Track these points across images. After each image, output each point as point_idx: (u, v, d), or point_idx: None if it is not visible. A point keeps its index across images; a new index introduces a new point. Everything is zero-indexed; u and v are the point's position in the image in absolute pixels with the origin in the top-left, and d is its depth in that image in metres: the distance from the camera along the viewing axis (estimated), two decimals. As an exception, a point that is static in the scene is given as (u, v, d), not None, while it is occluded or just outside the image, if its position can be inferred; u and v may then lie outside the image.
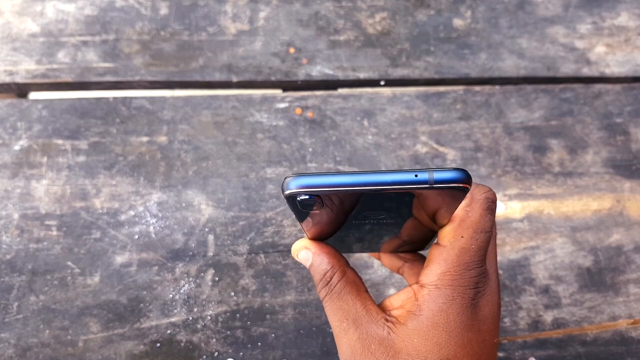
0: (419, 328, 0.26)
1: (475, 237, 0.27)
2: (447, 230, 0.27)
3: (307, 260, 0.29)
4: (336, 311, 0.28)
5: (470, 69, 0.60)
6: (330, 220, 0.26)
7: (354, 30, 0.62)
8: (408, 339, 0.26)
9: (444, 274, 0.27)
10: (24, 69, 0.57)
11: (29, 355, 0.45)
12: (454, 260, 0.27)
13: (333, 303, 0.28)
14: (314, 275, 0.29)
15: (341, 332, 0.27)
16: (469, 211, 0.27)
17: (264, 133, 0.56)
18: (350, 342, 0.27)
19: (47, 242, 0.49)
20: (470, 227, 0.27)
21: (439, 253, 0.27)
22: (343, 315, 0.27)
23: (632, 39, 0.63)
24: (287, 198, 0.23)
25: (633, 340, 0.48)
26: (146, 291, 0.48)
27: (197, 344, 0.46)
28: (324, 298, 0.28)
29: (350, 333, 0.27)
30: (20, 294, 0.47)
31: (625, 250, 0.52)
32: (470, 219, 0.27)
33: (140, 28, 0.60)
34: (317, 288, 0.29)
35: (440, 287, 0.27)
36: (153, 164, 0.53)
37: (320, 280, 0.28)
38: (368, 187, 0.21)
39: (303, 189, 0.22)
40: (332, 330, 0.28)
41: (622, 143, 0.57)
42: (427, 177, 0.20)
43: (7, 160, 0.53)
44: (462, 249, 0.27)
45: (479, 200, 0.27)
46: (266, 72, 0.59)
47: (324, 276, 0.28)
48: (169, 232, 0.50)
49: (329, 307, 0.28)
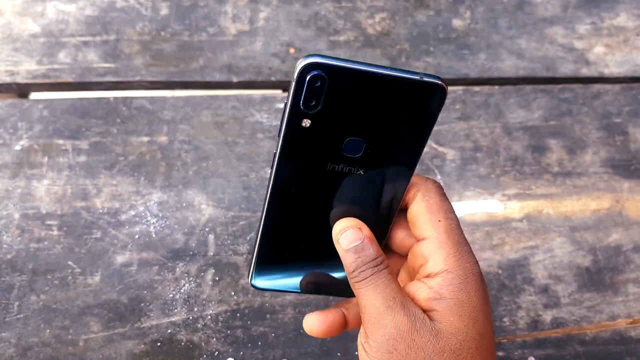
0: (450, 308, 0.27)
1: (449, 217, 0.29)
2: (420, 223, 0.29)
3: (355, 241, 0.29)
4: (383, 290, 0.28)
5: (470, 69, 0.61)
6: (316, 147, 0.27)
7: (354, 30, 0.62)
8: (444, 319, 0.27)
9: (447, 259, 0.28)
10: (25, 69, 0.57)
11: (30, 354, 0.45)
12: (448, 242, 0.28)
13: (379, 283, 0.28)
14: (357, 259, 0.28)
15: (386, 310, 0.27)
16: (428, 199, 0.29)
17: (264, 133, 0.56)
18: (397, 321, 0.27)
19: (47, 241, 0.50)
20: (440, 210, 0.29)
21: (430, 243, 0.28)
22: (391, 295, 0.27)
23: (630, 39, 0.64)
24: (300, 73, 0.24)
25: (632, 340, 0.48)
26: (147, 291, 0.48)
27: (198, 343, 0.46)
28: (368, 277, 0.28)
29: (397, 312, 0.27)
30: (21, 294, 0.47)
31: (624, 250, 0.52)
32: (434, 205, 0.29)
33: (140, 28, 0.60)
34: (358, 268, 0.28)
35: (451, 271, 0.28)
36: (153, 164, 0.54)
37: (366, 262, 0.28)
38: (375, 70, 0.25)
39: (318, 60, 0.24)
40: (366, 310, 0.28)
41: (621, 143, 0.58)
42: (418, 75, 0.25)
43: (7, 160, 0.53)
44: (447, 231, 0.28)
45: (432, 189, 0.29)
46: (266, 72, 0.59)
47: (373, 259, 0.28)
48: (170, 232, 0.51)
49: (373, 286, 0.28)
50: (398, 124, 0.27)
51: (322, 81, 0.25)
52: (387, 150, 0.28)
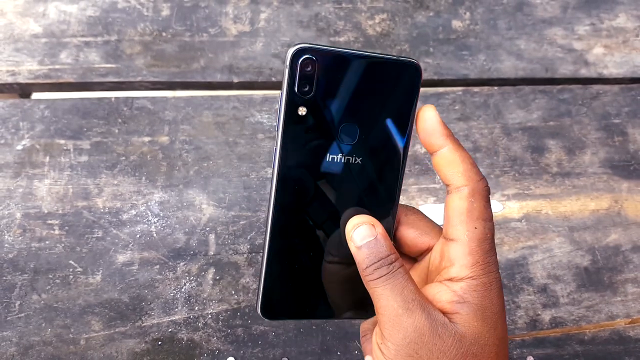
0: (474, 312, 0.27)
1: (486, 226, 0.28)
2: (455, 223, 0.28)
3: (369, 237, 0.28)
4: (401, 290, 0.27)
5: (469, 70, 0.61)
6: (314, 136, 0.28)
7: (354, 31, 0.62)
8: (468, 323, 0.27)
9: (474, 266, 0.28)
10: (27, 70, 0.58)
11: (31, 353, 0.46)
12: (478, 251, 0.28)
13: (397, 283, 0.27)
14: (370, 255, 0.27)
15: (405, 312, 0.26)
16: (472, 202, 0.28)
17: (265, 133, 0.56)
18: (417, 324, 0.26)
19: (49, 241, 0.50)
20: (479, 217, 0.28)
21: (459, 248, 0.28)
22: (410, 296, 0.27)
23: (630, 40, 0.64)
24: (292, 58, 0.26)
25: (631, 340, 0.49)
26: (148, 290, 0.48)
27: (198, 342, 0.47)
28: (382, 276, 0.27)
29: (417, 314, 0.26)
30: (22, 293, 0.48)
31: (622, 250, 0.52)
32: (476, 210, 0.28)
33: (142, 29, 0.61)
34: (371, 267, 0.27)
35: (476, 278, 0.28)
36: (155, 163, 0.54)
37: (378, 260, 0.27)
38: (359, 52, 0.27)
39: (308, 45, 0.26)
40: (383, 311, 0.27)
41: (620, 143, 0.58)
42: (395, 56, 0.28)
43: (9, 159, 0.53)
44: (480, 240, 0.28)
45: (480, 191, 0.28)
46: (267, 72, 0.59)
47: (386, 257, 0.27)
48: (171, 232, 0.51)
49: (390, 286, 0.27)
50: (384, 103, 0.29)
51: (312, 65, 0.27)
52: (379, 133, 0.29)
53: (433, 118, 0.28)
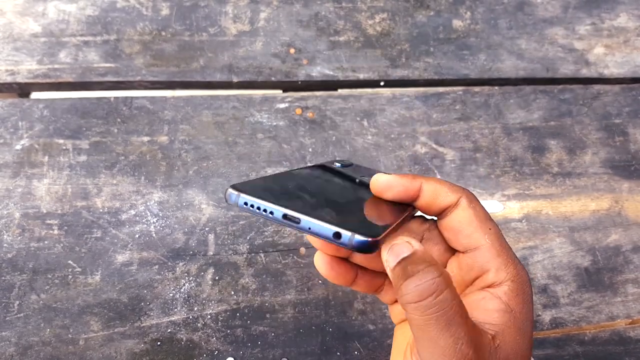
0: (517, 328, 0.27)
1: (494, 225, 0.29)
2: (469, 232, 0.28)
3: (405, 252, 0.25)
4: (455, 330, 0.24)
5: (470, 69, 0.61)
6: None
7: (354, 31, 0.62)
8: (513, 339, 0.26)
9: (507, 267, 0.28)
10: (26, 69, 0.58)
11: (30, 353, 0.46)
12: (504, 251, 0.28)
13: (445, 321, 0.24)
14: (418, 287, 0.24)
15: (454, 352, 0.24)
16: (474, 207, 0.28)
17: (264, 133, 0.56)
18: (465, 354, 0.24)
19: (48, 241, 0.50)
20: (487, 219, 0.29)
21: (486, 252, 0.28)
22: (459, 333, 0.24)
23: (631, 40, 0.64)
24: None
25: (631, 340, 0.49)
26: (147, 290, 0.48)
27: (198, 342, 0.47)
28: (430, 314, 0.24)
29: (466, 352, 0.24)
30: (21, 293, 0.48)
31: (623, 250, 0.52)
32: (481, 213, 0.29)
33: (141, 28, 0.60)
34: (417, 303, 0.24)
35: (514, 280, 0.28)
36: (154, 163, 0.54)
37: (428, 296, 0.24)
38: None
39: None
40: (427, 345, 0.24)
41: (621, 144, 0.58)
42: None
43: (8, 159, 0.53)
44: (499, 239, 0.28)
45: (473, 197, 0.29)
46: (266, 72, 0.59)
47: (438, 292, 0.24)
48: (170, 232, 0.51)
49: (437, 324, 0.24)
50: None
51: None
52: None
53: (387, 181, 0.29)
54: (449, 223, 0.29)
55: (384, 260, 0.26)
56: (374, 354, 0.47)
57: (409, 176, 0.29)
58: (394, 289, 0.25)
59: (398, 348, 0.31)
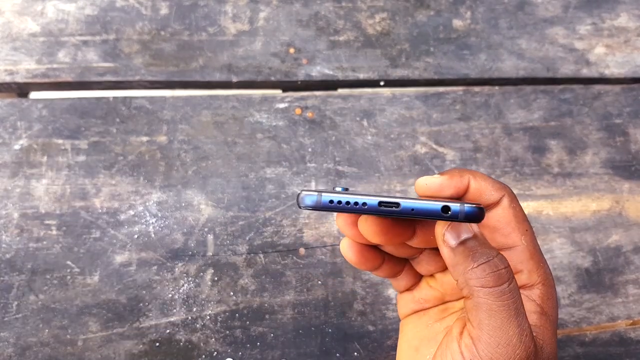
0: (552, 330, 0.27)
1: (530, 227, 0.29)
2: (508, 232, 0.28)
3: (467, 233, 0.25)
4: (522, 321, 0.25)
5: (470, 69, 0.61)
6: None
7: (354, 30, 0.62)
8: (550, 341, 0.27)
9: (539, 270, 0.28)
10: (24, 69, 0.57)
11: (28, 354, 0.45)
12: (537, 254, 0.28)
13: (515, 310, 0.24)
14: (494, 272, 0.24)
15: (520, 344, 0.24)
16: (515, 206, 0.29)
17: (264, 133, 0.56)
18: (528, 356, 0.25)
19: (46, 241, 0.49)
20: (524, 220, 0.29)
21: (521, 253, 0.28)
22: (524, 324, 0.25)
23: (631, 40, 0.63)
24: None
25: (632, 341, 0.48)
26: (145, 290, 0.48)
27: (196, 343, 0.46)
28: (505, 299, 0.24)
29: (528, 345, 0.25)
30: (19, 293, 0.47)
31: (624, 251, 0.52)
32: (520, 214, 0.29)
33: (140, 28, 0.60)
34: (493, 288, 0.24)
35: (545, 284, 0.28)
36: (153, 163, 0.53)
37: (504, 282, 0.24)
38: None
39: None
40: (493, 333, 0.24)
41: (622, 144, 0.57)
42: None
43: (7, 159, 0.53)
44: (534, 241, 0.29)
45: (514, 197, 0.29)
46: (266, 72, 0.59)
47: (510, 279, 0.25)
48: (169, 232, 0.51)
49: (509, 311, 0.24)
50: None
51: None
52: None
53: (430, 182, 0.28)
54: (488, 220, 0.29)
55: (440, 239, 0.26)
56: (373, 355, 0.47)
57: (456, 174, 0.28)
58: (451, 267, 0.26)
59: (408, 342, 0.31)
